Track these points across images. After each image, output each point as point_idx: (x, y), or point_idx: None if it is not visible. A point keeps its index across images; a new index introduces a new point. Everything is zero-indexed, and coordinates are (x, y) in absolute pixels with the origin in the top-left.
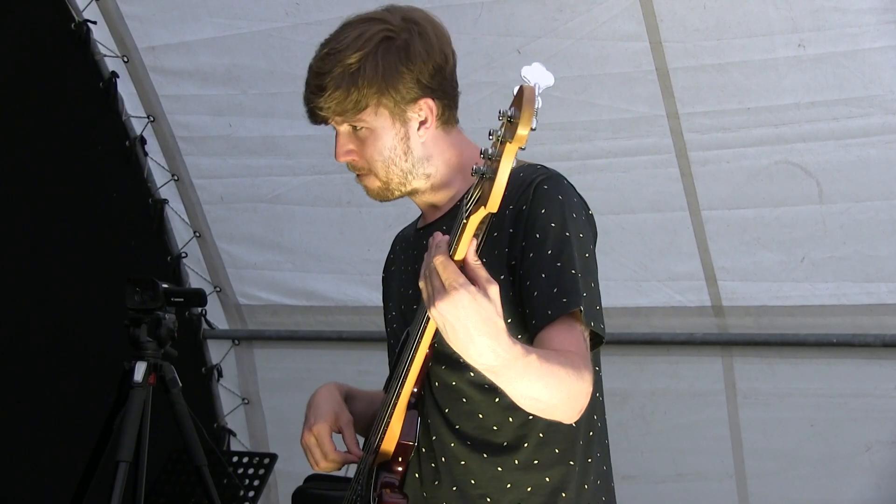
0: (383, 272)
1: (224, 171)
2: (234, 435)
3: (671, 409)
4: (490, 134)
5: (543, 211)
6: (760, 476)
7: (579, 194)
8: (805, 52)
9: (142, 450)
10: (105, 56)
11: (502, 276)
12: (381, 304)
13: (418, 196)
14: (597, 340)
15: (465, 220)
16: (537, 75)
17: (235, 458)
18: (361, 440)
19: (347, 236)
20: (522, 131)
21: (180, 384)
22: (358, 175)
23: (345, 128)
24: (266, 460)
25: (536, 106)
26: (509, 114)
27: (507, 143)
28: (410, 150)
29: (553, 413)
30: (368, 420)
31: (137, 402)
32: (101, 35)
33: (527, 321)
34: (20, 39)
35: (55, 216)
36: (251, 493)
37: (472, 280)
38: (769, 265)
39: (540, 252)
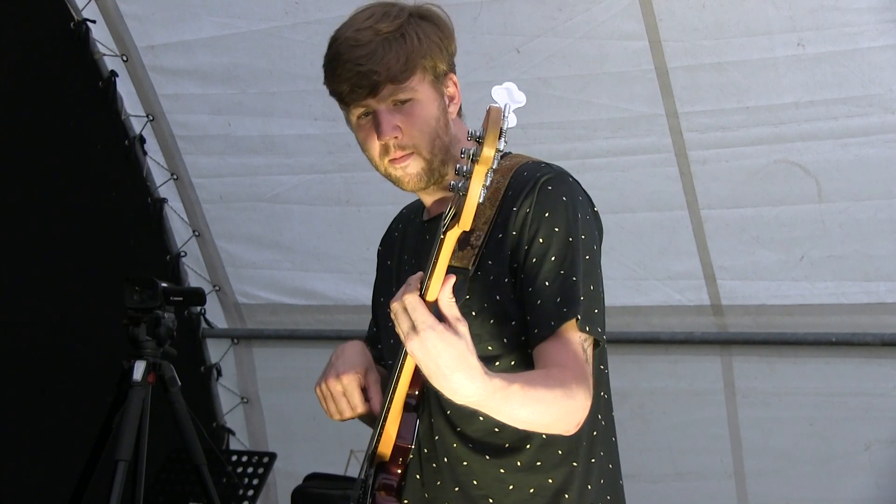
0: (380, 245)
1: (223, 171)
2: (234, 434)
3: (670, 409)
4: (462, 153)
5: (548, 214)
6: (759, 475)
7: (584, 191)
8: (804, 52)
9: (141, 449)
10: (104, 55)
11: (506, 280)
12: None
13: (436, 191)
14: (596, 343)
15: (442, 237)
16: (507, 96)
17: (234, 457)
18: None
19: (346, 235)
20: (487, 152)
21: (179, 383)
22: (394, 160)
23: (385, 105)
24: (265, 459)
25: (503, 126)
26: (477, 134)
27: (476, 164)
28: (449, 126)
29: (549, 430)
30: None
31: (136, 401)
32: (100, 34)
33: (529, 329)
34: (19, 38)
35: (54, 215)
36: (250, 492)
37: (442, 318)
38: (768, 264)
39: (544, 258)
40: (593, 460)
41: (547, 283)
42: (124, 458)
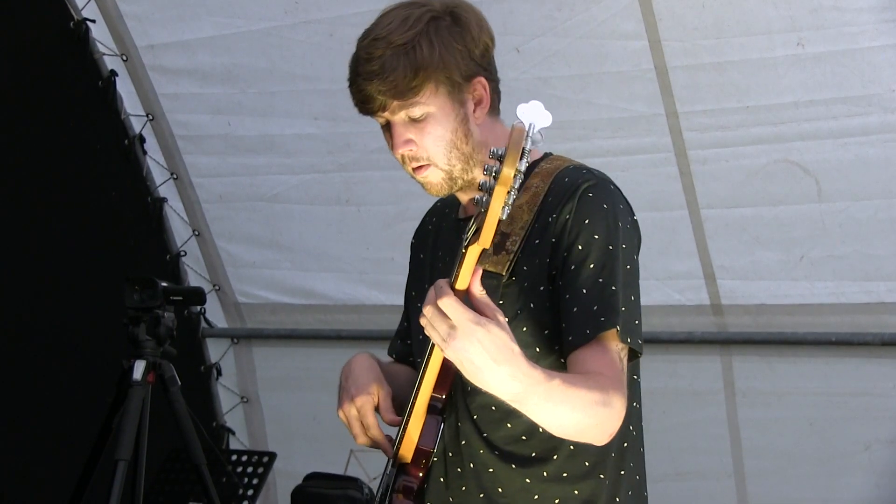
0: (413, 238)
1: (223, 170)
2: (233, 433)
3: (670, 409)
4: (485, 170)
5: (588, 221)
6: (759, 475)
7: (625, 199)
8: (804, 51)
9: (141, 448)
10: (104, 55)
11: (542, 287)
12: (380, 303)
13: (469, 191)
14: (633, 354)
15: (463, 251)
16: (532, 115)
17: (234, 457)
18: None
19: (346, 235)
20: (507, 172)
21: (179, 383)
22: (415, 170)
23: (400, 116)
24: (265, 459)
25: (525, 146)
26: (499, 153)
27: (496, 183)
28: (471, 134)
29: (583, 437)
30: (399, 402)
31: (136, 401)
32: (99, 34)
33: (563, 336)
34: (19, 38)
35: (54, 215)
36: (250, 492)
37: (480, 311)
38: (768, 264)
39: (582, 265)
40: (622, 472)
41: (584, 291)
42: (124, 457)
